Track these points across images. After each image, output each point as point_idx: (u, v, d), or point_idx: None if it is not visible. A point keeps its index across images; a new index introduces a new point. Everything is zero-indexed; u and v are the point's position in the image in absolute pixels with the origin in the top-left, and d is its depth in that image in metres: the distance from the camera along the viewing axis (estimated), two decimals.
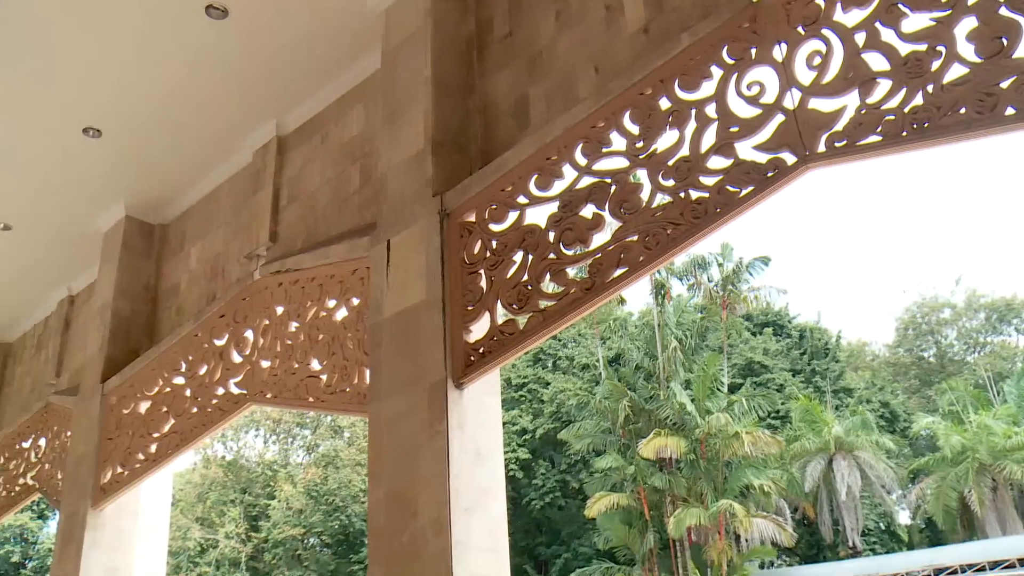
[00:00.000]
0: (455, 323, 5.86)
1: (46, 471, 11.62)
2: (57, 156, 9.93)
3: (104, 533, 9.66)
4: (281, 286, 7.98)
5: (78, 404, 10.62)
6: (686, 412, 32.34)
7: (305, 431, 58.02)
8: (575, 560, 43.52)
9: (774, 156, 4.93)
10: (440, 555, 5.36)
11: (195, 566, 54.39)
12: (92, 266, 11.82)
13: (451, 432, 5.58)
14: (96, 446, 9.91)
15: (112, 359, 10.24)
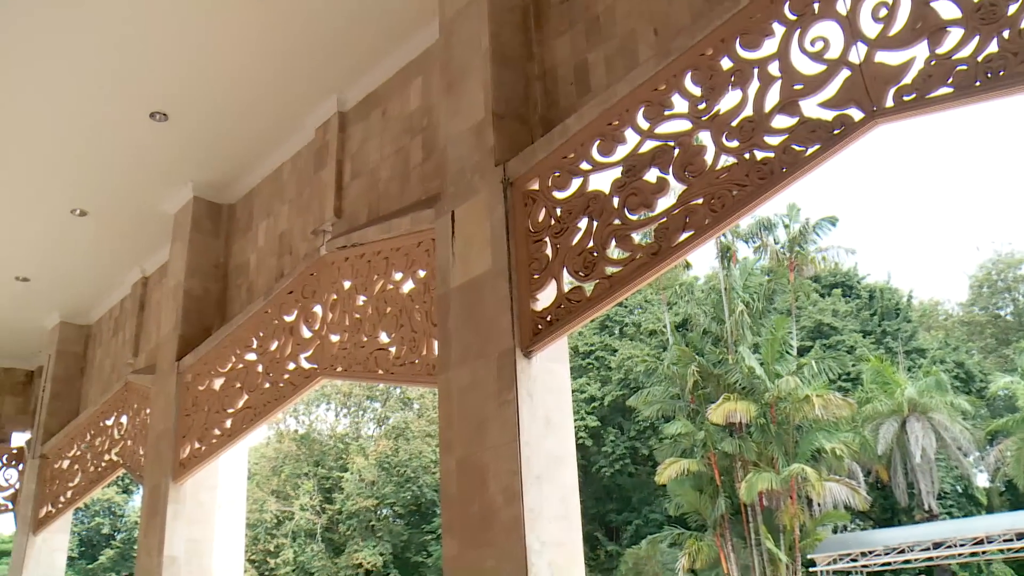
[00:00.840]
0: (522, 292, 5.85)
1: (129, 447, 11.96)
2: (126, 142, 10.13)
3: (185, 506, 9.94)
4: (348, 261, 8.05)
5: (155, 382, 10.89)
6: (755, 376, 32.04)
7: (375, 404, 58.71)
8: (646, 526, 43.57)
9: (840, 113, 4.81)
10: (512, 523, 5.40)
11: (272, 537, 55.60)
12: (164, 247, 12.09)
13: (520, 401, 5.59)
14: (174, 422, 10.16)
15: (186, 338, 10.48)
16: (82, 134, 10.01)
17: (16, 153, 10.40)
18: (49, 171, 10.78)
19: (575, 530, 5.95)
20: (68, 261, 13.26)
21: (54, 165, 10.65)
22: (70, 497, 13.84)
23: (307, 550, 55.21)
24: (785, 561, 30.94)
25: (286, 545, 55.11)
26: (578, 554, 5.94)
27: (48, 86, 9.14)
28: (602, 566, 43.82)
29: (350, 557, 53.49)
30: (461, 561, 5.72)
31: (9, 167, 10.67)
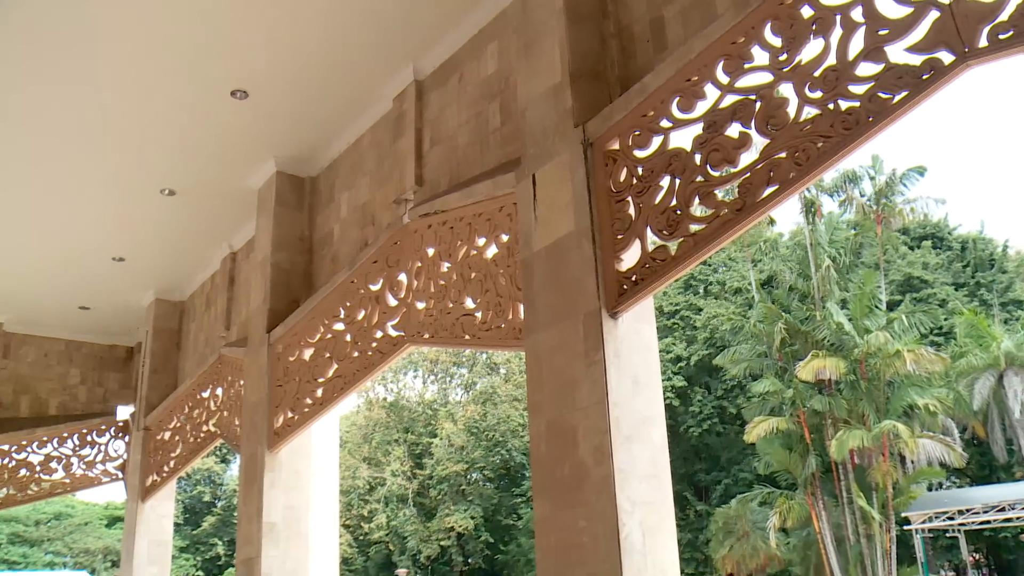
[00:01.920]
0: (606, 252, 5.84)
1: (225, 418, 12.31)
2: (209, 121, 10.34)
3: (281, 474, 10.21)
4: (430, 228, 8.12)
5: (248, 355, 11.16)
6: (844, 332, 31.44)
7: (462, 369, 59.26)
8: (735, 485, 43.31)
9: (929, 56, 4.65)
10: (603, 483, 5.42)
11: (365, 503, 56.81)
12: (250, 222, 12.35)
13: (608, 361, 5.60)
14: (267, 393, 10.42)
15: (275, 310, 10.71)
16: (167, 116, 10.25)
17: (106, 138, 10.71)
18: (137, 153, 11.08)
19: (665, 489, 5.96)
20: (160, 240, 13.65)
21: (142, 147, 10.94)
22: (173, 467, 14.34)
23: (399, 514, 56.31)
24: (878, 519, 30.46)
25: (379, 510, 56.31)
26: (669, 513, 5.95)
27: (133, 70, 9.37)
28: (692, 526, 43.76)
29: (442, 521, 54.39)
30: (552, 522, 5.78)
31: (101, 151, 11.00)
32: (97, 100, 9.95)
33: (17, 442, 16.70)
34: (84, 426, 17.35)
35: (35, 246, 13.79)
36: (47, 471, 16.93)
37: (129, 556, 14.87)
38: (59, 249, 13.92)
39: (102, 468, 17.41)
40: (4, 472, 16.52)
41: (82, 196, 12.20)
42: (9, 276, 14.98)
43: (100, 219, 12.89)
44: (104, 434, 17.47)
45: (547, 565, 5.75)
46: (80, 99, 9.93)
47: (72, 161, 11.26)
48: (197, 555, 61.10)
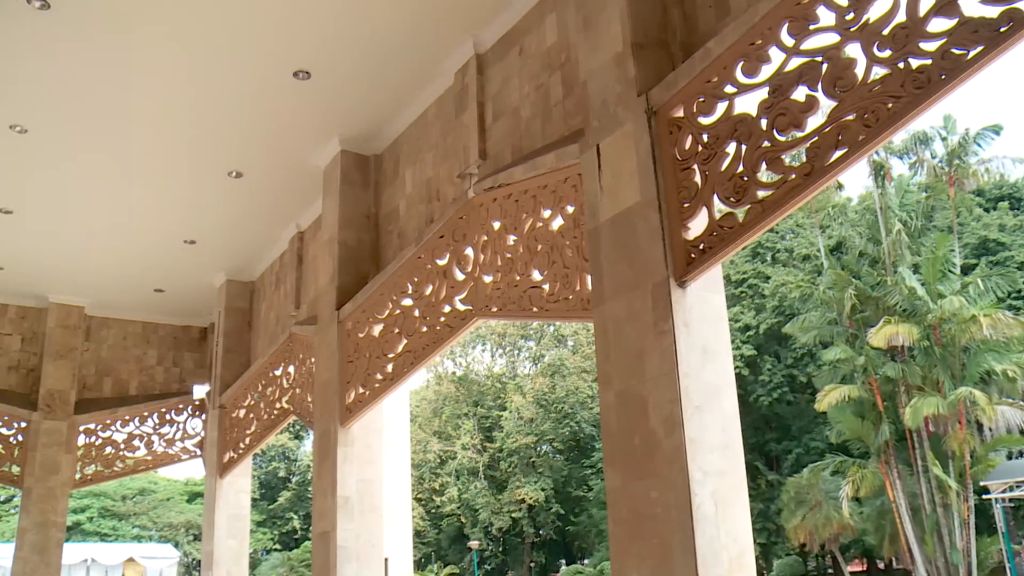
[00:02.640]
0: (673, 221, 5.80)
1: (297, 395, 12.53)
2: (272, 102, 10.47)
3: (354, 448, 10.37)
4: (496, 201, 8.13)
5: (318, 332, 11.33)
6: (916, 297, 30.79)
7: (530, 342, 59.50)
8: (807, 455, 42.88)
9: (1009, 7, 4.46)
10: (674, 453, 5.41)
11: (436, 476, 57.47)
12: (316, 201, 12.51)
13: (677, 331, 5.57)
14: (338, 370, 10.57)
15: (344, 287, 10.84)
16: (232, 99, 10.40)
17: (174, 124, 10.92)
18: (205, 137, 11.28)
19: (737, 459, 5.93)
20: (229, 222, 13.90)
21: (209, 131, 11.14)
22: (248, 443, 14.66)
23: (471, 487, 56.87)
24: (955, 488, 29.89)
25: (450, 483, 56.94)
26: (741, 483, 5.93)
27: (197, 56, 9.53)
28: (763, 495, 43.45)
29: (512, 493, 54.82)
30: (624, 493, 5.79)
31: (170, 137, 11.23)
32: (165, 87, 10.15)
33: (102, 421, 17.28)
34: (163, 405, 17.86)
35: (112, 232, 14.18)
36: (130, 449, 17.50)
37: (210, 530, 15.28)
38: (134, 234, 14.28)
39: (181, 445, 17.91)
40: (91, 450, 17.12)
41: (154, 182, 12.48)
42: (89, 262, 15.46)
43: (171, 203, 13.17)
44: (182, 413, 17.97)
45: (619, 536, 5.77)
46: (149, 88, 10.15)
47: (143, 148, 11.53)
48: (274, 529, 62.51)
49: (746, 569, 5.74)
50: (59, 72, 9.82)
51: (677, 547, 5.26)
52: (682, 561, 5.20)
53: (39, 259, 15.36)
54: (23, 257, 15.23)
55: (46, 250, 14.96)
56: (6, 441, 16.55)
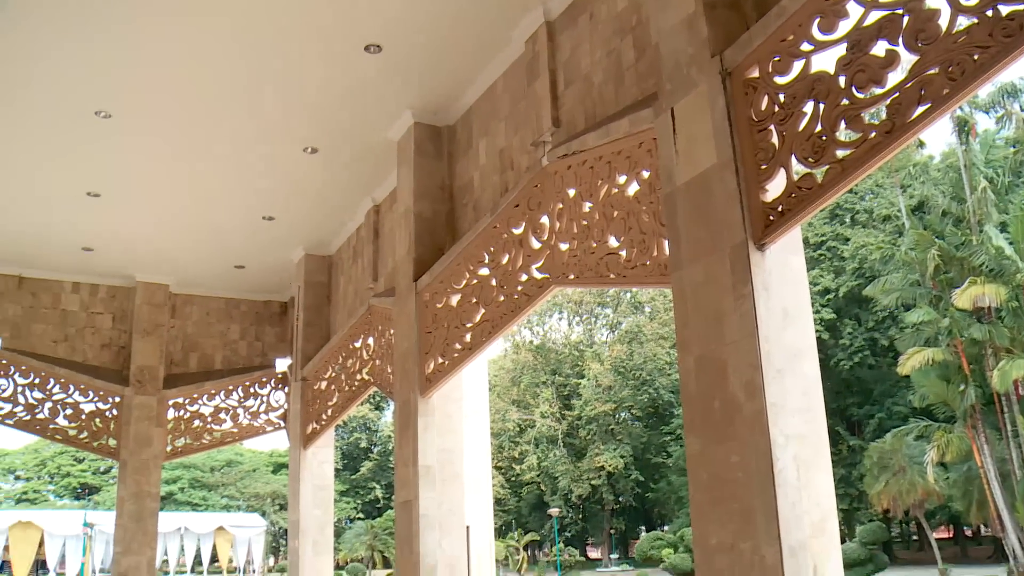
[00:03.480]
0: (750, 184, 5.72)
1: (377, 366, 12.72)
2: (345, 77, 10.55)
3: (434, 418, 10.50)
4: (570, 169, 8.11)
5: (396, 304, 11.47)
6: (1004, 257, 29.88)
7: (606, 310, 59.44)
8: (889, 419, 42.20)
9: None
10: (755, 418, 5.37)
11: (516, 445, 57.93)
12: (391, 175, 12.61)
13: (757, 294, 5.51)
14: (417, 340, 10.69)
15: (420, 259, 10.94)
16: (304, 76, 10.51)
17: (250, 101, 11.09)
18: (279, 115, 11.44)
19: (819, 422, 5.88)
20: (306, 197, 14.11)
21: (283, 108, 11.28)
22: (330, 415, 14.94)
23: (550, 455, 57.25)
24: None
25: (529, 451, 57.40)
26: (823, 447, 5.88)
27: (270, 34, 9.63)
28: (844, 461, 42.92)
29: (592, 460, 55.04)
30: (705, 457, 5.77)
31: (246, 115, 11.40)
32: (240, 68, 10.32)
33: (189, 395, 17.81)
34: (246, 379, 18.31)
35: (193, 212, 14.54)
36: (217, 421, 18.01)
37: (295, 500, 15.64)
38: (214, 213, 14.61)
39: (265, 418, 18.36)
40: (180, 423, 17.67)
41: (232, 161, 12.72)
42: (173, 241, 15.87)
43: (250, 181, 13.42)
44: (265, 386, 18.40)
45: (700, 501, 5.76)
46: (225, 70, 10.34)
47: (221, 129, 11.76)
48: (357, 498, 63.75)
49: (829, 534, 5.71)
50: (139, 58, 10.06)
51: (759, 511, 5.23)
52: (764, 526, 5.18)
53: (126, 240, 15.85)
54: (111, 239, 15.73)
55: (132, 231, 15.43)
56: (102, 415, 17.22)
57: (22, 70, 10.24)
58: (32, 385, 16.83)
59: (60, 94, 10.83)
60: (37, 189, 13.63)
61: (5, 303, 16.99)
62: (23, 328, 17.03)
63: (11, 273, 17.05)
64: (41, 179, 13.27)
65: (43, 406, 16.89)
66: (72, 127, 11.64)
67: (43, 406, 16.89)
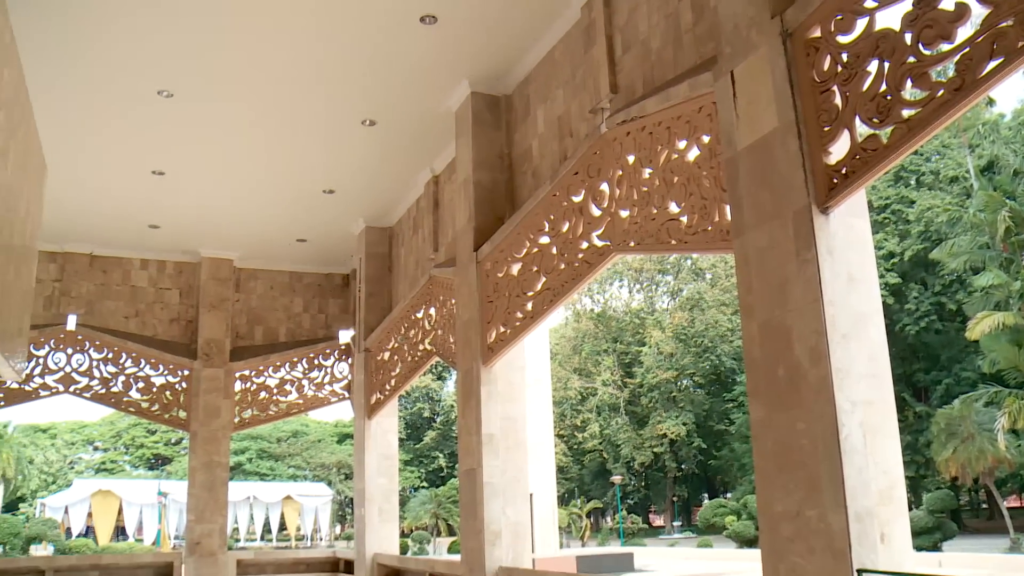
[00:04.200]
0: (813, 146, 5.61)
1: (439, 336, 12.81)
2: (401, 49, 10.57)
3: (497, 387, 10.56)
4: (629, 135, 8.05)
5: (457, 274, 11.52)
6: None
7: (667, 277, 59.13)
8: (957, 385, 41.42)
9: None
10: (820, 384, 5.31)
11: (577, 413, 58.10)
12: (449, 145, 12.64)
13: (821, 259, 5.42)
14: (478, 310, 10.74)
15: (480, 228, 10.96)
16: (361, 48, 10.55)
17: (307, 76, 11.17)
18: (337, 88, 11.51)
19: (886, 388, 5.79)
20: (365, 169, 14.21)
21: (340, 82, 11.35)
22: (394, 385, 15.10)
23: (612, 423, 57.34)
24: None
25: (591, 419, 57.54)
26: (891, 413, 5.79)
27: (325, 9, 9.68)
28: (911, 427, 42.28)
29: (654, 428, 55.00)
30: (769, 424, 5.72)
31: (304, 90, 11.50)
32: (297, 44, 10.41)
33: (255, 367, 18.16)
34: (311, 351, 18.60)
35: (256, 186, 14.74)
36: (282, 393, 18.35)
37: (361, 469, 15.89)
38: (276, 187, 14.81)
39: (330, 389, 18.64)
40: (247, 395, 18.05)
41: (292, 136, 12.86)
42: (237, 216, 16.14)
43: (309, 155, 13.56)
44: (329, 357, 18.67)
45: (765, 468, 5.72)
46: (282, 46, 10.42)
47: (280, 104, 11.88)
48: (421, 467, 64.51)
49: (897, 502, 5.63)
50: (199, 38, 10.21)
51: (825, 479, 5.18)
52: (830, 493, 5.13)
53: (190, 216, 16.16)
54: (176, 215, 16.05)
55: (196, 208, 15.72)
56: (172, 388, 17.67)
57: (88, 52, 10.46)
58: (106, 359, 17.34)
59: (123, 75, 11.04)
60: (104, 168, 13.95)
61: (79, 281, 17.49)
62: (96, 305, 17.51)
63: (83, 252, 17.52)
64: (108, 159, 13.57)
65: (117, 380, 17.39)
66: (135, 107, 11.87)
67: (117, 380, 17.39)
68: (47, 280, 17.15)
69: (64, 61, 10.61)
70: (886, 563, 5.19)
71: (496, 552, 10.12)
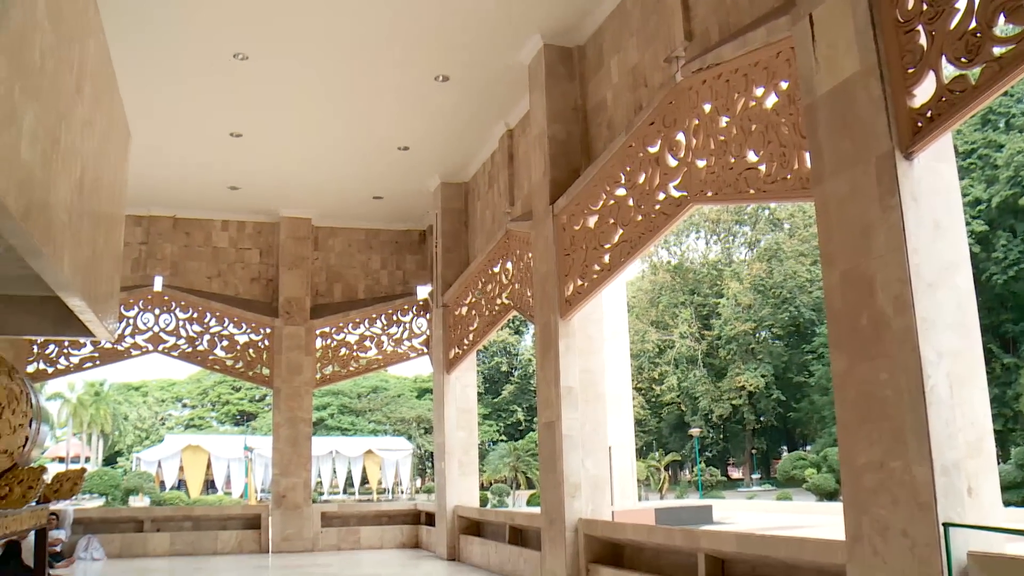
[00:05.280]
0: (896, 89, 5.42)
1: (516, 290, 12.85)
2: (473, 3, 10.51)
3: (575, 340, 10.57)
4: (705, 83, 7.90)
5: (533, 227, 11.51)
6: None
7: (744, 227, 58.25)
8: None
9: None
10: (904, 334, 5.19)
11: (655, 366, 57.93)
12: (523, 99, 12.59)
13: (904, 205, 5.27)
14: (555, 263, 10.74)
15: (556, 181, 10.92)
16: (432, 4, 10.50)
17: (379, 34, 11.20)
18: (409, 45, 11.51)
19: (973, 338, 5.63)
20: (439, 126, 14.23)
21: (412, 39, 11.34)
22: (472, 339, 15.22)
23: (690, 376, 57.05)
24: None
25: (669, 372, 57.31)
26: (978, 364, 5.63)
27: None
28: (998, 380, 41.15)
29: (732, 380, 54.56)
30: (852, 375, 5.62)
31: (377, 48, 11.53)
32: (369, 2, 10.40)
33: (335, 324, 18.49)
34: (389, 307, 18.84)
35: (332, 146, 14.90)
36: (362, 349, 18.67)
37: (440, 423, 16.10)
38: (351, 146, 14.94)
39: (408, 344, 18.89)
40: (328, 351, 18.41)
41: (366, 94, 12.93)
42: (314, 176, 16.35)
43: (384, 113, 13.62)
44: (407, 313, 18.90)
45: (847, 419, 5.63)
46: (354, 4, 10.43)
47: (354, 63, 11.96)
48: (499, 421, 65.03)
49: (985, 454, 5.49)
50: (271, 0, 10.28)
51: (909, 430, 5.08)
52: (915, 445, 5.03)
53: (269, 177, 16.43)
54: (255, 176, 16.33)
55: (274, 168, 15.96)
56: (255, 346, 18.10)
57: (164, 19, 10.63)
58: (191, 319, 17.85)
59: (199, 40, 11.23)
60: (184, 133, 14.23)
61: (163, 243, 17.98)
62: (180, 266, 18.00)
63: (167, 215, 17.97)
64: (187, 123, 13.84)
65: (202, 338, 17.89)
66: (212, 72, 12.07)
67: (202, 338, 17.89)
68: (134, 243, 17.66)
69: (143, 29, 10.80)
70: (973, 517, 5.09)
71: (576, 504, 10.20)
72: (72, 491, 8.34)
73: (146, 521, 17.85)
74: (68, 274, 6.53)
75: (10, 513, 7.24)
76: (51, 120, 5.33)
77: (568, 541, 10.08)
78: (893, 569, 5.13)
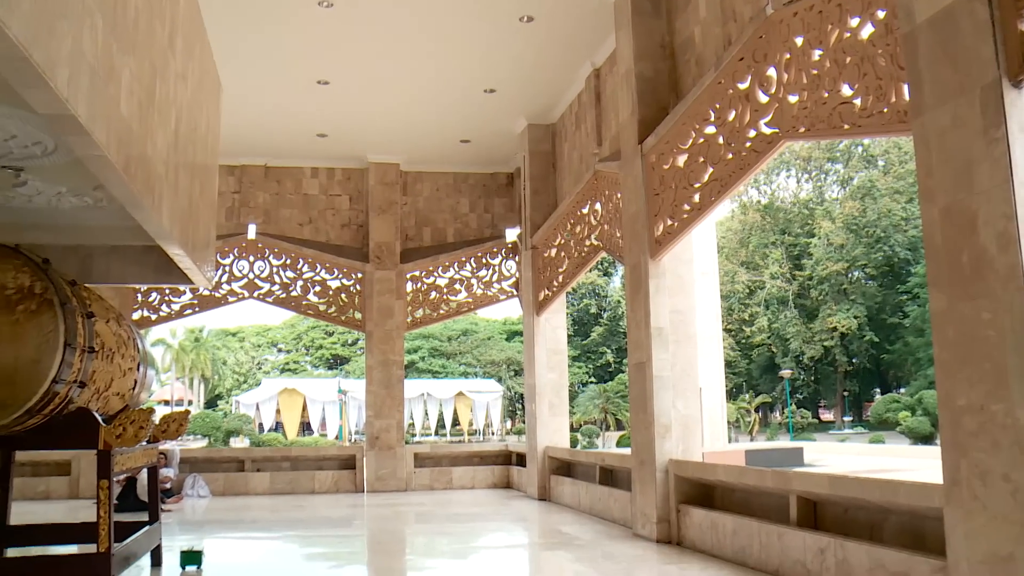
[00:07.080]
0: (1006, 13, 5.15)
1: (605, 231, 12.78)
2: None
3: (665, 280, 10.50)
4: (796, 16, 7.65)
5: (622, 167, 11.40)
6: None
7: (837, 165, 56.76)
8: None
9: None
10: (1009, 272, 4.99)
11: (745, 307, 57.25)
12: (609, 37, 12.40)
13: (1012, 137, 5.04)
14: (645, 203, 10.63)
15: (644, 120, 10.77)
16: None
17: None
18: None
19: None
20: (525, 67, 14.11)
21: None
22: (561, 281, 15.24)
23: (780, 317, 56.27)
24: None
25: (759, 313, 56.61)
26: None
27: None
28: None
29: (824, 321, 53.66)
30: (951, 315, 5.45)
31: None
32: None
33: (425, 268, 18.70)
34: (478, 250, 18.94)
35: (418, 90, 14.92)
36: (452, 292, 18.86)
37: (531, 364, 16.21)
38: (437, 90, 14.94)
39: (498, 287, 19.00)
40: (418, 295, 18.66)
41: (450, 37, 12.88)
42: (400, 121, 16.45)
43: (469, 55, 13.57)
44: (496, 256, 18.98)
45: (946, 360, 5.47)
46: None
47: (437, 4, 11.91)
48: (588, 363, 65.28)
49: None
50: None
51: (1013, 372, 4.91)
52: (1019, 387, 4.86)
53: (356, 123, 16.57)
54: (343, 123, 16.50)
55: (361, 114, 16.08)
56: (347, 290, 18.46)
57: None
58: (284, 265, 18.26)
59: None
60: (272, 82, 14.42)
61: (256, 191, 18.37)
62: (272, 213, 18.38)
63: (258, 163, 18.33)
64: (275, 72, 14.02)
65: (295, 284, 18.30)
66: (297, 19, 12.16)
67: (295, 284, 18.30)
68: (227, 192, 18.08)
69: None
70: None
71: (666, 445, 10.20)
72: (178, 432, 8.67)
73: (247, 461, 18.48)
74: (167, 224, 6.72)
75: (126, 451, 7.58)
76: (146, 75, 5.45)
77: (659, 482, 10.10)
78: (993, 513, 5.01)
